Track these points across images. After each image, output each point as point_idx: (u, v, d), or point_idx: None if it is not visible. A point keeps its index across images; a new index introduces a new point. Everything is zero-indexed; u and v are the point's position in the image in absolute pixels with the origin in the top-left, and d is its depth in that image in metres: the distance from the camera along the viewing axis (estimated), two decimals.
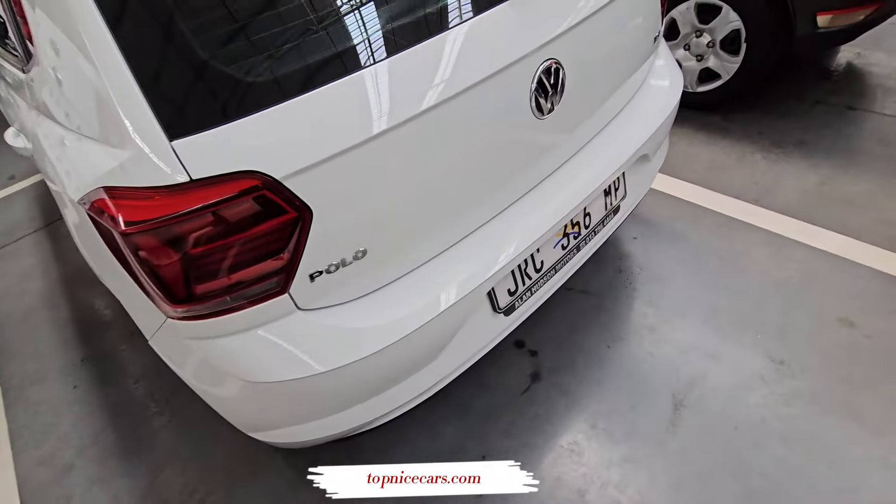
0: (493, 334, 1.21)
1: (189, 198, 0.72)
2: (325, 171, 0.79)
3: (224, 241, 0.77)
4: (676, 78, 1.48)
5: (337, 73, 0.80)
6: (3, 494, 1.61)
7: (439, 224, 1.01)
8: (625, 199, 1.42)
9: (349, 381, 0.99)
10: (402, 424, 1.55)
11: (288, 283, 0.86)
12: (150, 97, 0.71)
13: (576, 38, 1.04)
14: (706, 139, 2.44)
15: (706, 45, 2.41)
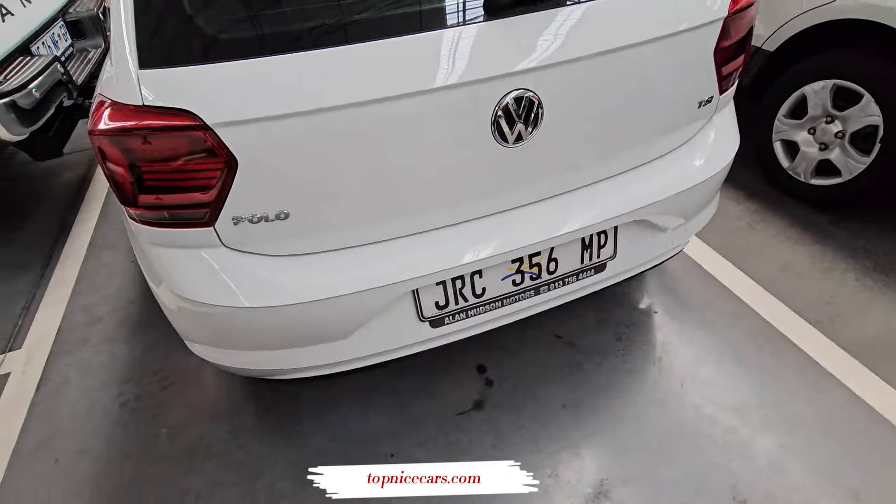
0: (413, 339, 1.22)
1: (135, 118, 0.87)
2: (256, 130, 0.89)
3: (159, 164, 0.90)
4: (717, 158, 1.32)
5: (292, 47, 0.88)
6: (51, 320, 2.02)
7: (371, 216, 1.05)
8: (613, 260, 1.32)
9: (258, 323, 1.09)
10: (341, 394, 1.63)
11: (213, 219, 0.98)
12: (138, 29, 0.87)
13: (564, 75, 1.00)
14: (797, 237, 2.11)
15: (835, 134, 2.07)
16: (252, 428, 1.57)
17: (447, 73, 0.93)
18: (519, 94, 0.97)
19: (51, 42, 2.43)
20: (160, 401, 1.67)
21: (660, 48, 1.09)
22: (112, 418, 1.63)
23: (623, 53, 1.05)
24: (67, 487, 1.45)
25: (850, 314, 1.77)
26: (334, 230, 1.05)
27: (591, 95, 1.07)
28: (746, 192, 2.40)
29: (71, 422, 1.63)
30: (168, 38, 0.88)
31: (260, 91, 0.88)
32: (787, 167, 2.28)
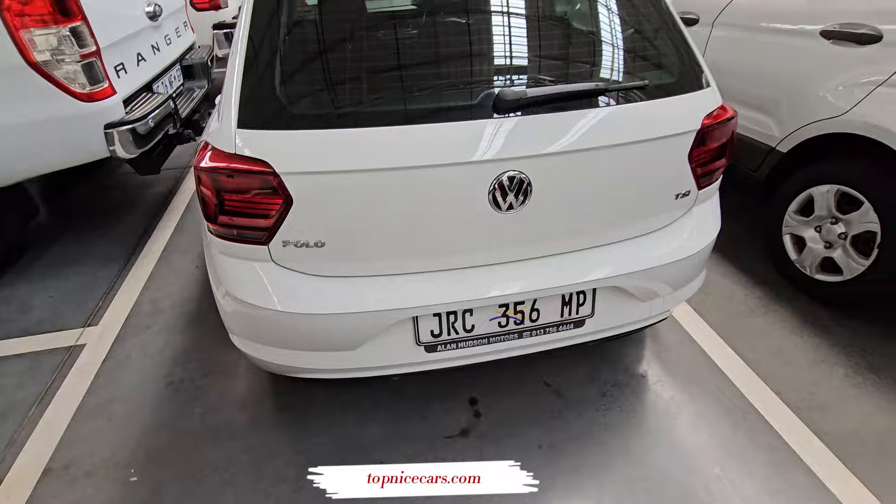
0: (410, 360, 1.46)
1: (227, 161, 1.21)
2: (310, 180, 1.21)
3: (238, 195, 1.24)
4: (692, 244, 1.52)
5: (341, 124, 1.21)
6: (124, 306, 2.41)
7: (388, 254, 1.33)
8: (591, 318, 1.52)
9: (287, 325, 1.37)
10: (346, 405, 1.87)
11: (268, 240, 1.29)
12: (241, 100, 1.22)
13: (551, 163, 1.27)
14: (796, 328, 2.21)
15: (838, 234, 2.20)
16: (269, 419, 1.83)
17: (459, 153, 1.22)
18: (512, 175, 1.25)
19: (168, 82, 2.99)
20: (199, 385, 1.98)
21: (638, 149, 1.35)
22: (159, 393, 1.95)
23: (604, 151, 1.31)
24: (115, 442, 1.75)
25: (831, 406, 1.84)
26: (358, 261, 1.34)
27: (574, 181, 1.33)
28: (755, 279, 2.52)
29: (126, 391, 1.96)
30: (259, 108, 1.23)
31: (316, 153, 1.20)
32: (794, 260, 2.40)
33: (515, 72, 1.33)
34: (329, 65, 1.27)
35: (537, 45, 1.36)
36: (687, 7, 2.98)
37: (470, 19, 1.34)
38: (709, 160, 1.49)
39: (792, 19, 2.34)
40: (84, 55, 2.14)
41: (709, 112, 1.41)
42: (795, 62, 2.31)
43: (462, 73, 1.29)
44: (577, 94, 1.28)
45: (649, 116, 1.35)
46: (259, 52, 1.26)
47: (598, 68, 1.38)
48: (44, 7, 2.01)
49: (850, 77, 2.08)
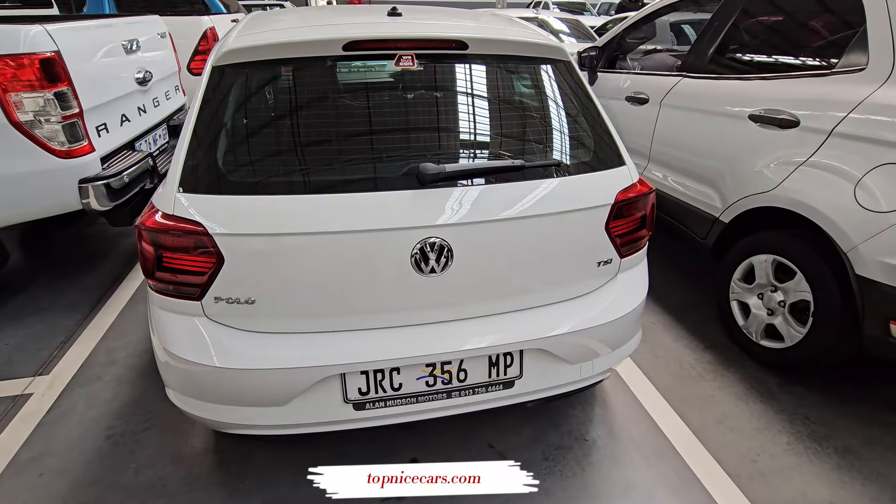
0: (339, 417, 1.48)
1: (167, 222, 1.30)
2: (239, 241, 1.29)
3: (173, 253, 1.31)
4: (615, 309, 1.59)
5: (270, 191, 1.31)
6: (79, 355, 2.41)
7: (315, 312, 1.39)
8: (520, 380, 1.56)
9: (215, 379, 1.40)
10: (284, 462, 1.85)
11: (201, 296, 1.36)
12: (184, 168, 1.34)
13: (470, 231, 1.36)
14: (742, 394, 2.23)
15: (778, 302, 2.28)
16: (204, 476, 1.80)
17: (381, 220, 1.32)
18: (433, 241, 1.34)
19: (152, 140, 3.16)
20: (139, 439, 1.95)
21: (556, 220, 1.45)
22: (97, 447, 1.92)
23: (522, 221, 1.41)
24: (41, 498, 1.71)
25: (771, 475, 1.84)
26: (287, 318, 1.40)
27: (495, 248, 1.42)
28: (706, 343, 2.57)
29: (64, 444, 1.93)
30: (200, 174, 1.34)
31: (247, 217, 1.30)
32: (742, 326, 2.47)
33: (441, 147, 1.46)
34: (264, 139, 1.40)
35: (465, 123, 1.50)
36: (639, 87, 3.24)
37: (400, 97, 1.48)
38: (628, 231, 1.59)
39: (724, 103, 2.55)
40: (66, 116, 2.30)
41: (624, 187, 1.53)
42: (730, 142, 2.50)
43: (388, 147, 1.42)
44: (496, 170, 1.40)
45: (565, 191, 1.46)
46: (205, 126, 1.39)
47: (518, 146, 1.51)
48: (32, 73, 2.18)
49: (776, 157, 2.25)
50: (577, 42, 7.25)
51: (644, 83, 3.23)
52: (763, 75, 2.43)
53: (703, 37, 2.86)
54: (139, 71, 2.99)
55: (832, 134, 2.03)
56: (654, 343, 2.58)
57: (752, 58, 2.67)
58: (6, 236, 2.95)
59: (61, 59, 2.26)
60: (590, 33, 7.77)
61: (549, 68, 1.64)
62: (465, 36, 1.49)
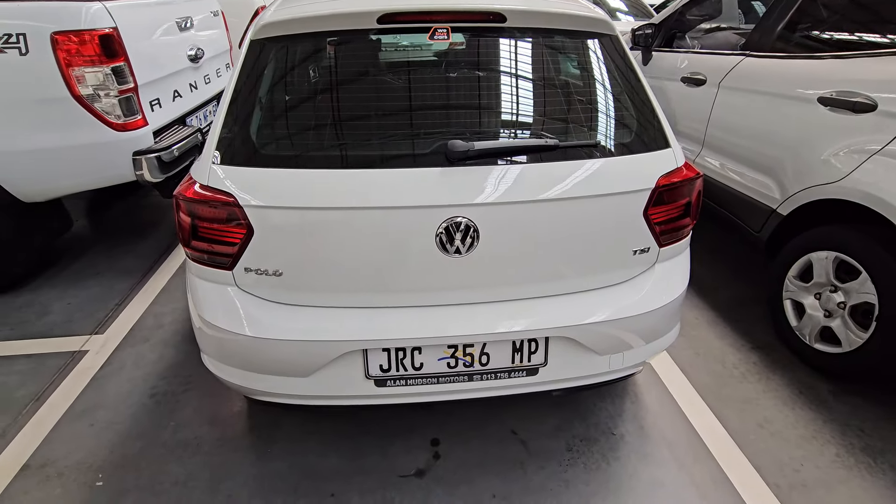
0: (360, 392, 1.50)
1: (201, 192, 1.33)
2: (269, 213, 1.31)
3: (208, 223, 1.35)
4: (651, 301, 1.50)
5: (303, 165, 1.32)
6: (131, 318, 2.57)
7: (341, 287, 1.40)
8: (545, 367, 1.52)
9: (244, 347, 1.45)
10: (311, 432, 1.90)
11: (232, 266, 1.39)
12: (219, 139, 1.36)
13: (498, 212, 1.32)
14: (789, 399, 2.09)
15: (838, 304, 2.10)
16: (236, 439, 1.88)
17: (406, 197, 1.30)
18: (458, 221, 1.31)
19: (202, 116, 3.27)
20: (179, 399, 2.07)
21: (589, 204, 1.38)
22: (142, 403, 2.05)
23: (552, 204, 1.35)
24: (92, 446, 1.85)
25: (814, 486, 1.72)
26: (312, 292, 1.42)
27: (523, 231, 1.37)
28: (753, 343, 2.42)
29: (113, 399, 2.07)
30: (233, 147, 1.37)
31: (276, 190, 1.31)
32: (794, 326, 2.30)
33: (472, 124, 1.41)
34: (296, 113, 1.40)
35: (499, 99, 1.45)
36: (696, 67, 3.03)
37: (434, 72, 1.44)
38: (670, 219, 1.49)
39: (791, 84, 2.34)
40: (122, 91, 2.41)
41: (666, 172, 1.44)
42: (795, 126, 2.30)
43: (417, 123, 1.39)
44: (528, 149, 1.34)
45: (602, 173, 1.39)
46: (241, 99, 1.41)
47: (555, 124, 1.44)
48: (92, 49, 2.29)
49: (846, 144, 2.05)
50: (634, 20, 6.87)
51: (702, 63, 3.01)
52: (837, 53, 2.20)
53: (772, 12, 2.62)
54: (192, 48, 3.10)
55: None
56: (695, 339, 2.45)
57: (826, 34, 2.42)
58: (71, 204, 3.17)
59: (119, 36, 2.37)
60: (649, 11, 7.33)
61: (592, 43, 1.55)
62: (503, 8, 1.43)
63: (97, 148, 2.43)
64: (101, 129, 2.40)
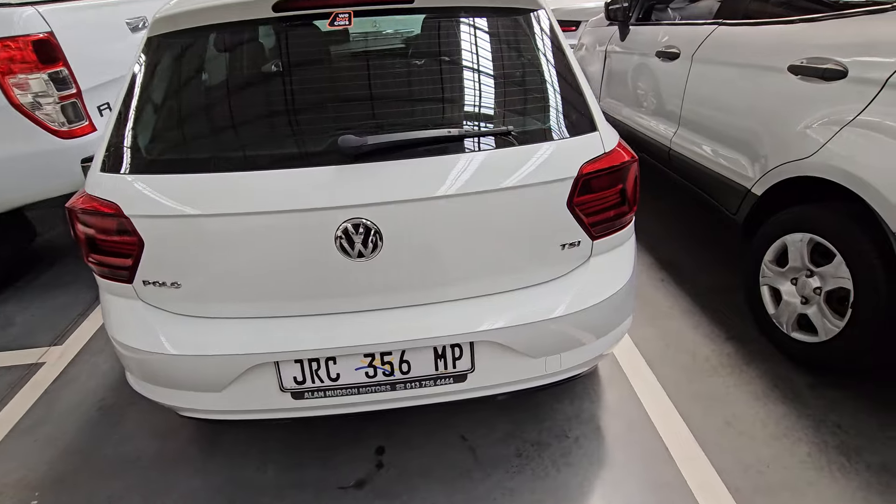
0: (277, 406, 1.42)
1: (90, 203, 1.26)
2: (156, 223, 1.23)
3: (102, 235, 1.28)
4: (585, 298, 1.39)
5: (184, 170, 1.23)
6: (90, 329, 2.54)
7: (243, 297, 1.31)
8: (473, 374, 1.42)
9: (149, 363, 1.38)
10: (252, 443, 1.84)
11: (132, 278, 1.32)
12: (105, 149, 1.29)
13: (401, 211, 1.22)
14: (762, 393, 1.96)
15: (814, 289, 1.95)
16: (175, 452, 1.83)
17: (297, 199, 1.21)
18: (356, 223, 1.21)
19: None
20: (125, 412, 2.03)
21: (504, 197, 1.27)
22: (88, 416, 2.02)
23: (461, 199, 1.24)
24: (32, 463, 1.82)
25: (779, 489, 1.59)
26: (215, 303, 1.34)
27: (431, 230, 1.26)
28: (729, 333, 2.28)
29: (61, 412, 2.04)
30: (119, 154, 1.29)
31: (161, 197, 1.23)
32: (772, 314, 2.15)
33: (371, 117, 1.30)
34: (183, 114, 1.31)
35: (403, 88, 1.33)
36: (671, 41, 2.85)
37: (333, 62, 1.34)
38: (601, 209, 1.37)
39: (762, 54, 2.16)
40: (63, 97, 2.35)
41: (591, 158, 1.31)
42: (766, 99, 2.12)
43: (312, 119, 1.29)
44: (430, 141, 1.23)
45: (518, 163, 1.27)
46: (130, 103, 1.33)
47: (466, 112, 1.32)
48: (29, 55, 2.23)
49: (818, 116, 1.88)
50: None
51: (676, 35, 2.83)
52: (808, 17, 2.01)
53: None
54: None
55: (887, 85, 1.64)
56: (667, 330, 2.32)
57: None
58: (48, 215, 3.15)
59: (55, 40, 2.30)
60: None
61: (511, 20, 1.42)
62: None
63: (41, 156, 2.39)
64: (44, 136, 2.35)
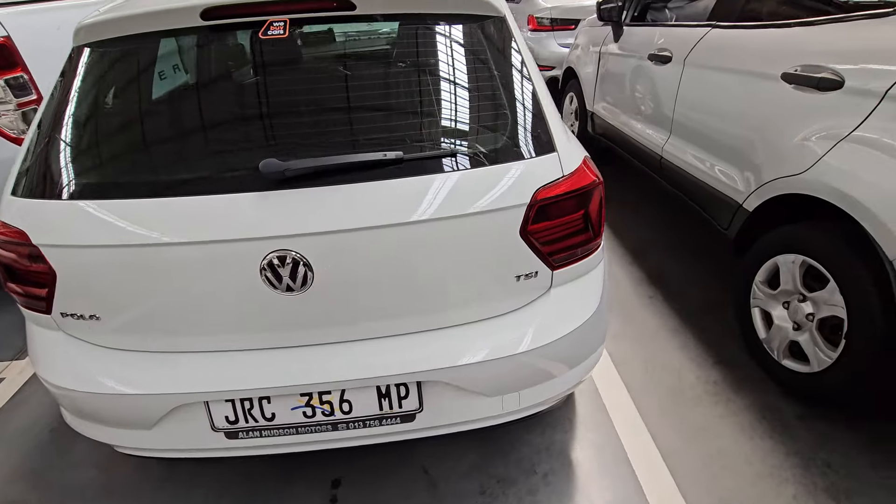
0: (210, 445, 1.31)
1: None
2: (66, 253, 1.13)
3: (15, 264, 1.18)
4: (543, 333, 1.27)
5: (97, 196, 1.13)
6: None
7: (166, 330, 1.21)
8: (421, 413, 1.31)
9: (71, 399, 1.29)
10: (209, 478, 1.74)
11: (49, 309, 1.22)
12: (18, 170, 1.19)
13: (333, 242, 1.10)
14: (749, 425, 1.82)
15: (806, 315, 1.81)
16: (121, 485, 1.74)
17: (216, 229, 1.09)
18: (282, 255, 1.10)
19: None
20: (77, 437, 1.92)
21: (447, 226, 1.15)
22: (39, 439, 1.93)
23: (398, 229, 1.12)
24: None
25: None
26: (137, 337, 1.23)
27: (366, 261, 1.15)
28: (718, 358, 2.14)
29: (12, 433, 1.96)
30: (32, 175, 1.19)
31: (69, 224, 1.13)
32: (763, 339, 2.01)
33: (296, 139, 1.18)
34: (96, 134, 1.21)
35: (339, 106, 1.22)
36: (663, 43, 2.71)
37: (263, 77, 1.22)
38: (560, 237, 1.25)
39: (755, 59, 2.01)
40: (22, 104, 2.26)
41: (547, 182, 1.18)
42: (758, 109, 1.98)
43: (233, 140, 1.18)
44: (361, 166, 1.11)
45: (464, 188, 1.15)
46: (45, 121, 1.23)
47: (409, 133, 1.19)
48: None
49: (811, 130, 1.73)
50: None
51: (669, 37, 2.69)
52: (805, 20, 1.86)
53: None
54: None
55: (886, 97, 1.49)
56: (651, 352, 2.19)
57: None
58: None
59: (13, 45, 2.21)
60: None
61: (467, 28, 1.30)
62: None
63: (3, 165, 2.30)
64: (2, 144, 2.26)
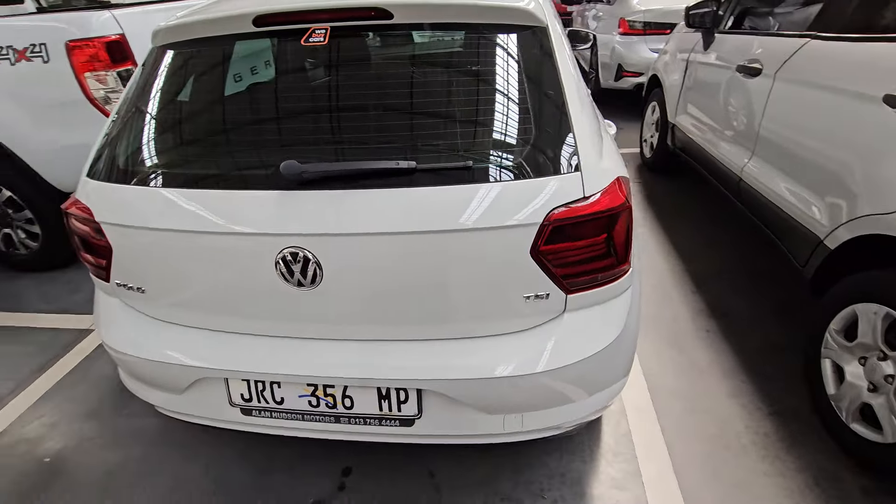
0: (228, 418, 1.42)
1: (71, 204, 1.36)
2: (121, 231, 1.28)
3: (84, 236, 1.36)
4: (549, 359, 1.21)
5: (150, 184, 1.26)
6: None
7: (196, 309, 1.33)
8: (420, 419, 1.32)
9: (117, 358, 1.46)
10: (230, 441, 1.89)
11: (108, 277, 1.40)
12: (94, 156, 1.37)
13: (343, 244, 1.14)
14: (797, 491, 1.62)
15: (885, 377, 1.56)
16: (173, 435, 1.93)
17: (239, 222, 1.18)
18: (294, 252, 1.16)
19: None
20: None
21: (455, 239, 1.14)
22: (111, 388, 2.21)
23: (406, 237, 1.13)
24: (62, 416, 2.04)
25: None
26: (175, 311, 1.37)
27: (374, 266, 1.17)
28: (772, 407, 1.92)
29: (92, 378, 2.27)
30: (102, 161, 1.36)
31: (123, 207, 1.28)
32: (831, 395, 1.77)
33: (319, 143, 1.23)
34: (153, 128, 1.35)
35: (367, 112, 1.25)
36: (753, 55, 2.45)
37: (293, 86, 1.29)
38: (578, 260, 1.19)
39: (854, 77, 1.76)
40: None
41: (565, 202, 1.13)
42: (853, 134, 1.73)
43: (264, 140, 1.25)
44: (375, 173, 1.14)
45: (472, 203, 1.13)
46: (121, 112, 1.41)
47: (418, 143, 1.19)
48: (103, 55, 2.48)
49: None
50: None
51: (761, 48, 2.43)
52: None
53: None
54: None
55: None
56: (698, 392, 2.01)
57: None
58: None
59: (126, 41, 2.53)
60: None
61: (505, 38, 1.27)
62: (388, 2, 1.22)
63: None
64: None
